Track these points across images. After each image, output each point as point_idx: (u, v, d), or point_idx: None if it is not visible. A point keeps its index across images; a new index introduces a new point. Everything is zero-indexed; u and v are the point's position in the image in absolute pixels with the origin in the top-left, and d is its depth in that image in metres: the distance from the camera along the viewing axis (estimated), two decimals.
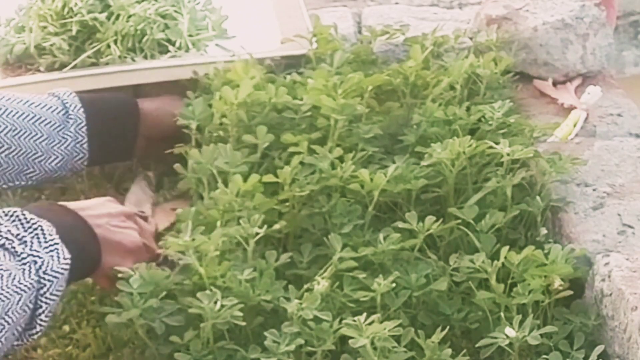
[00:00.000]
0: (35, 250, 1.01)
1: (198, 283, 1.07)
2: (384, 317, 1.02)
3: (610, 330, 1.06)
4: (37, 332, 1.02)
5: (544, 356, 1.03)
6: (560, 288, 1.06)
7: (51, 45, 1.50)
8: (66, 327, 1.21)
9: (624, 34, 2.22)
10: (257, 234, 1.10)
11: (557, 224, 1.19)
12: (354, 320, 0.98)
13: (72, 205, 1.14)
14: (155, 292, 1.06)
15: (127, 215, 1.20)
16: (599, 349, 1.03)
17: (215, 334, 1.03)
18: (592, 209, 1.19)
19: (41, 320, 1.01)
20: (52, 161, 1.28)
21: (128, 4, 1.52)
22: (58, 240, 1.04)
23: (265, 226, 1.10)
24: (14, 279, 0.97)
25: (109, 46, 1.49)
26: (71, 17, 1.51)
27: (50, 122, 1.27)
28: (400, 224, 1.13)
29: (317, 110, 1.26)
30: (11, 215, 1.05)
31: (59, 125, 1.28)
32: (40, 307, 1.01)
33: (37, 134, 1.26)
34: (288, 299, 1.04)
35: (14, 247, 1.01)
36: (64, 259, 1.03)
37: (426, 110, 1.30)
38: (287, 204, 1.16)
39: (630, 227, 1.15)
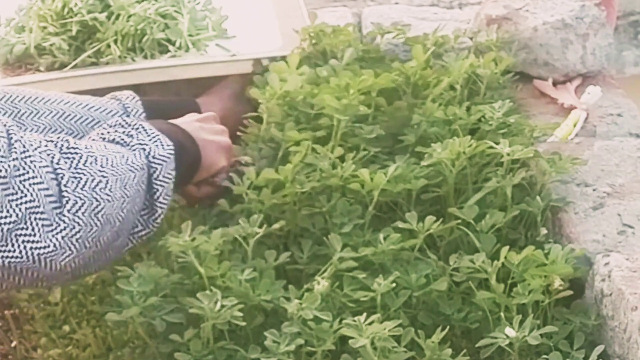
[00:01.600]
0: (142, 140, 1.11)
1: (198, 283, 1.07)
2: (384, 317, 1.02)
3: (610, 330, 1.06)
4: (159, 216, 1.10)
5: (544, 356, 1.03)
6: (560, 288, 1.06)
7: (51, 45, 1.50)
8: (66, 327, 1.21)
9: (624, 34, 2.21)
10: (257, 233, 1.10)
11: (557, 224, 1.19)
12: (354, 320, 0.98)
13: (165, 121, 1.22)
14: (155, 290, 1.06)
15: (214, 117, 1.28)
16: (599, 349, 1.03)
17: (215, 334, 1.03)
18: (592, 209, 1.19)
19: (160, 202, 1.10)
20: None
21: (128, 3, 1.52)
22: (158, 133, 1.13)
23: (265, 225, 1.10)
24: (127, 159, 1.07)
25: (109, 46, 1.49)
26: (71, 17, 1.51)
27: None
28: (400, 224, 1.13)
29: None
30: (115, 124, 1.14)
31: None
32: (157, 190, 1.10)
33: None
34: (288, 299, 1.04)
35: (123, 139, 1.11)
36: (167, 145, 1.12)
37: (426, 110, 1.30)
38: (288, 201, 1.16)
39: (630, 227, 1.15)
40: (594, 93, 1.39)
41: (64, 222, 0.99)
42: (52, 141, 1.03)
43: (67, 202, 0.99)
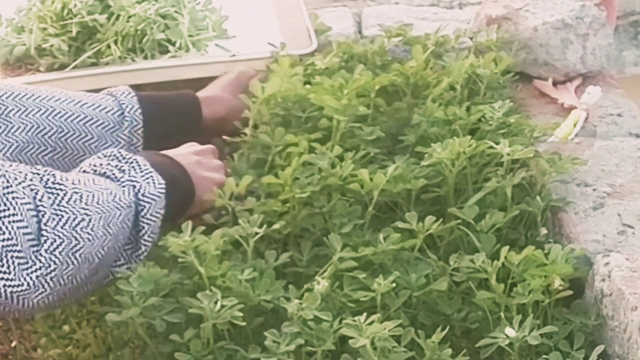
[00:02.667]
0: (133, 177, 1.09)
1: (198, 283, 1.07)
2: (384, 317, 1.02)
3: (610, 330, 1.06)
4: (142, 252, 1.09)
5: (544, 356, 1.03)
6: (560, 288, 1.06)
7: (51, 46, 1.50)
8: (66, 327, 1.21)
9: (624, 34, 2.21)
10: (257, 233, 1.10)
11: (557, 224, 1.19)
12: (354, 320, 0.98)
13: (162, 152, 1.21)
14: (155, 290, 1.06)
15: (212, 151, 1.27)
16: (599, 349, 1.03)
17: (215, 334, 1.03)
18: (592, 209, 1.19)
19: (145, 240, 1.09)
20: None
21: (128, 4, 1.52)
22: (152, 169, 1.11)
23: (265, 226, 1.10)
24: (115, 196, 1.06)
25: (109, 47, 1.50)
26: (71, 18, 1.51)
27: (102, 123, 1.26)
28: (400, 224, 1.13)
29: (321, 110, 1.26)
30: (109, 155, 1.13)
31: (113, 127, 1.27)
32: (143, 228, 1.09)
33: (87, 135, 1.25)
34: (288, 299, 1.04)
35: (114, 174, 1.09)
36: (159, 183, 1.10)
37: (426, 110, 1.30)
38: (287, 204, 1.16)
39: (630, 227, 1.15)
40: (594, 93, 1.39)
41: (40, 261, 0.97)
42: (38, 174, 1.01)
43: (45, 240, 0.98)
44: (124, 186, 1.08)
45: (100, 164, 1.11)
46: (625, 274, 1.05)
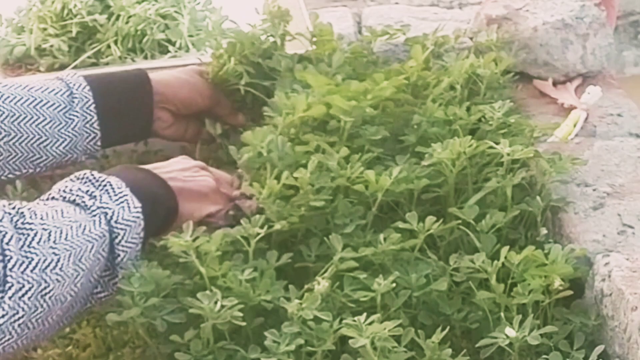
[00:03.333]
0: (105, 203, 1.05)
1: (199, 283, 1.07)
2: (384, 317, 1.02)
3: (610, 330, 1.06)
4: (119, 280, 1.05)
5: (544, 356, 1.03)
6: (560, 288, 1.06)
7: (51, 46, 1.51)
8: (66, 327, 1.20)
9: (624, 34, 2.22)
10: (258, 234, 1.10)
11: (557, 224, 1.19)
12: (354, 320, 0.98)
13: (145, 166, 1.16)
14: (156, 290, 1.06)
15: (201, 167, 1.22)
16: (599, 349, 1.03)
17: (216, 334, 1.03)
18: (592, 209, 1.19)
19: (121, 268, 1.05)
20: (60, 145, 1.25)
21: (128, 4, 1.52)
22: (127, 192, 1.06)
23: (266, 226, 1.10)
24: (84, 229, 1.01)
25: (109, 47, 1.50)
26: (71, 18, 1.51)
27: (53, 104, 1.24)
28: (400, 224, 1.13)
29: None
30: (81, 178, 1.08)
31: (64, 107, 1.25)
32: (118, 255, 1.04)
33: (39, 117, 1.22)
34: (288, 299, 1.04)
35: (84, 202, 1.04)
36: (134, 207, 1.06)
37: (426, 111, 1.30)
38: (302, 209, 1.15)
39: (630, 227, 1.15)
40: (594, 93, 1.39)
41: (3, 308, 0.93)
42: (9, 214, 0.97)
43: (10, 287, 0.93)
44: (94, 215, 1.04)
45: (70, 190, 1.05)
46: (625, 274, 1.05)
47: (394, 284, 1.05)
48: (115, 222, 1.04)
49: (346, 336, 0.98)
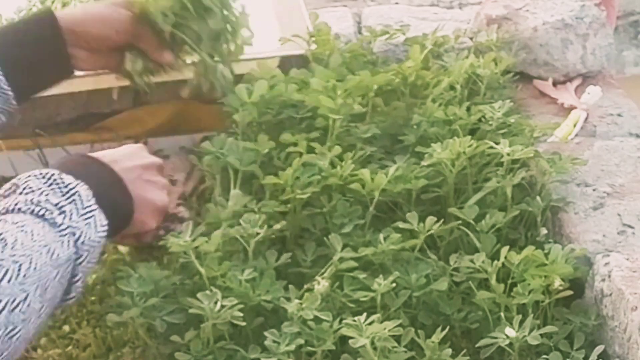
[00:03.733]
0: (75, 222, 0.98)
1: (198, 283, 1.07)
2: (384, 317, 1.02)
3: (610, 330, 1.06)
4: (72, 298, 0.99)
5: (544, 356, 1.03)
6: (560, 288, 1.06)
7: None
8: (66, 327, 1.20)
9: (624, 34, 2.22)
10: (258, 234, 1.10)
11: (557, 224, 1.19)
12: (354, 320, 0.98)
13: (104, 156, 1.10)
14: (155, 291, 1.06)
15: (158, 167, 1.18)
16: (599, 349, 1.03)
17: (216, 334, 1.03)
18: (592, 209, 1.19)
19: (77, 287, 0.99)
20: None
21: None
22: (95, 207, 1.01)
23: (266, 227, 1.10)
24: (52, 254, 0.94)
25: None
26: None
27: None
28: (400, 224, 1.13)
29: (315, 111, 1.26)
30: (48, 179, 1.00)
31: None
32: (77, 274, 0.98)
33: None
34: (288, 299, 1.04)
35: (53, 218, 0.97)
36: (101, 226, 1.01)
37: (426, 110, 1.30)
38: (289, 205, 1.16)
39: (630, 227, 1.15)
40: (594, 93, 1.39)
41: None
42: None
43: None
44: (63, 235, 0.97)
45: (39, 202, 0.97)
46: (625, 274, 1.05)
47: (394, 284, 1.05)
48: (82, 243, 0.98)
49: (346, 336, 0.98)
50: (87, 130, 1.58)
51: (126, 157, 1.13)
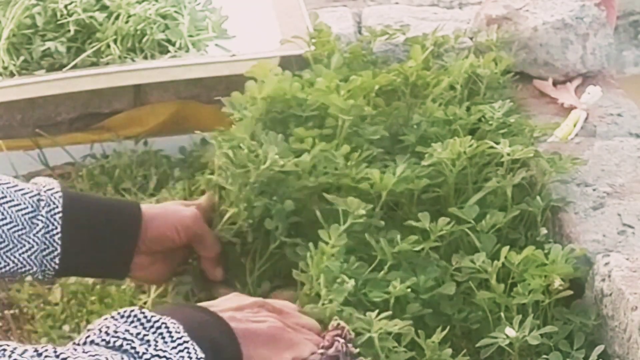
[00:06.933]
0: (162, 350, 0.83)
1: None
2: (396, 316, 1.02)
3: (610, 330, 1.06)
4: None
5: (544, 356, 1.03)
6: (560, 288, 1.06)
7: (47, 49, 1.50)
8: (66, 327, 1.20)
9: (624, 34, 2.22)
10: None
11: (557, 224, 1.19)
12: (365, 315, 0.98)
13: (199, 304, 0.98)
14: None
15: (260, 304, 1.00)
16: (599, 349, 1.03)
17: None
18: (592, 209, 1.19)
19: None
20: (18, 251, 1.05)
21: (127, 3, 1.52)
22: (187, 338, 0.85)
23: None
24: None
25: (108, 46, 1.49)
26: (66, 18, 1.50)
27: (19, 204, 1.05)
28: (413, 223, 1.12)
29: (322, 110, 1.26)
30: (127, 316, 0.86)
31: (31, 210, 1.06)
32: None
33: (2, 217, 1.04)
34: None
35: (134, 348, 0.82)
36: (197, 358, 0.85)
37: (426, 110, 1.30)
38: (303, 192, 1.14)
39: (630, 227, 1.15)
40: (594, 93, 1.39)
41: None
42: None
43: None
44: None
45: (115, 332, 0.83)
46: (625, 274, 1.05)
47: (409, 289, 1.05)
48: None
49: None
50: (87, 130, 1.58)
51: (218, 303, 1.00)
